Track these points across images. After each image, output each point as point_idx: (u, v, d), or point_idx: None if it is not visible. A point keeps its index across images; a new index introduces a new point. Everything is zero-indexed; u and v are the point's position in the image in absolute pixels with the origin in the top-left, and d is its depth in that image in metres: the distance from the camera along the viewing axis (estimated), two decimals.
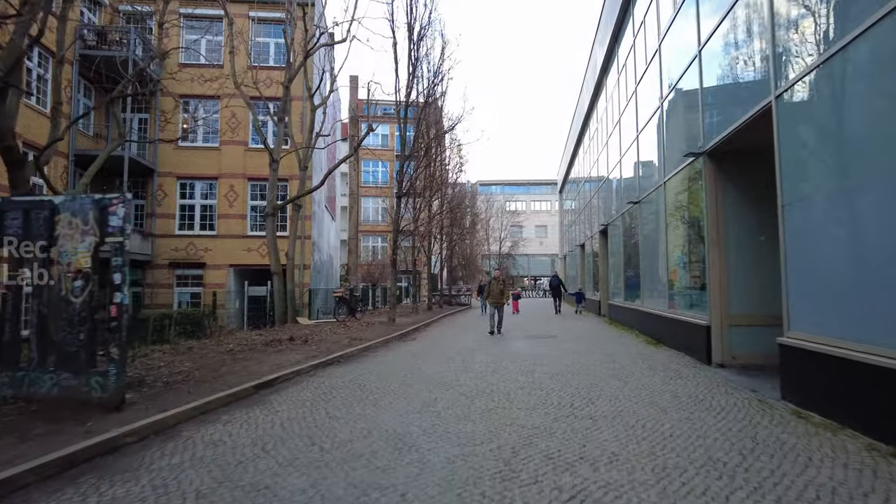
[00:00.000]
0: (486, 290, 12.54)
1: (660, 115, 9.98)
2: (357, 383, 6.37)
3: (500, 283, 12.37)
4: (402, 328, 13.82)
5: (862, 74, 4.08)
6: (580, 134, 23.30)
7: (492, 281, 12.52)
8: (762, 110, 5.56)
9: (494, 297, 12.14)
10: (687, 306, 8.46)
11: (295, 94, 19.95)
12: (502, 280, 12.57)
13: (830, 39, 4.39)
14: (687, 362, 7.56)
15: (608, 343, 10.22)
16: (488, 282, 12.83)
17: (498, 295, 12.15)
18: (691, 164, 8.04)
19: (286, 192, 19.87)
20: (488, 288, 12.45)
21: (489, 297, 12.33)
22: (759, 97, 5.70)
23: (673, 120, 9.45)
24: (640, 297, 11.72)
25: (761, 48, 5.78)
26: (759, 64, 5.88)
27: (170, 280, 19.06)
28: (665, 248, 9.57)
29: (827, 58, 4.36)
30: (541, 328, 14.05)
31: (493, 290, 12.19)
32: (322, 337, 11.23)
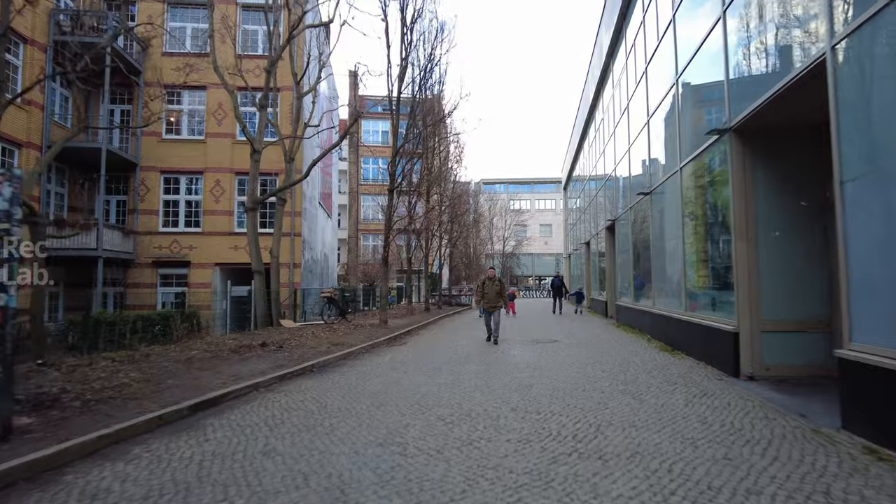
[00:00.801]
0: (480, 291, 10.79)
1: (675, 94, 8.91)
2: (319, 402, 5.35)
3: (496, 282, 10.63)
4: (393, 331, 12.83)
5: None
6: (585, 127, 22.21)
7: (485, 281, 10.75)
8: (810, 67, 4.49)
9: (489, 300, 10.51)
10: (708, 309, 7.39)
11: (286, 85, 19.06)
12: (498, 280, 10.71)
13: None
14: (710, 374, 6.50)
15: (617, 350, 9.16)
16: (482, 282, 10.96)
17: (494, 297, 10.49)
18: (714, 146, 6.98)
19: (275, 186, 18.91)
20: (482, 289, 10.70)
21: (483, 299, 10.67)
22: (805, 52, 4.64)
23: (691, 96, 8.37)
24: (652, 298, 10.65)
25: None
26: (805, 11, 4.81)
27: (153, 280, 18.14)
28: (681, 242, 8.50)
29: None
30: (542, 331, 13.00)
31: (488, 292, 10.54)
32: (301, 342, 10.23)
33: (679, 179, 8.59)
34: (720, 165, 6.80)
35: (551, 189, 63.28)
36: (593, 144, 20.77)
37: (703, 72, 7.73)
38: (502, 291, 10.61)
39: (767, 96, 5.28)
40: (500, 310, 10.63)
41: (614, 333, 12.05)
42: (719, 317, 6.83)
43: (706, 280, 7.53)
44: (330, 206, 27.03)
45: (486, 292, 10.59)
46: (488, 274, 11.01)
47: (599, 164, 18.74)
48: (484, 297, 10.64)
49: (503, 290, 10.66)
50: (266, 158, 17.57)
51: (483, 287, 10.74)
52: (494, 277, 10.74)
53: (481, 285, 10.82)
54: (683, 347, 8.27)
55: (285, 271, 18.46)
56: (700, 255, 7.77)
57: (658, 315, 9.97)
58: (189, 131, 18.89)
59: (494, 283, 10.63)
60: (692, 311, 8.07)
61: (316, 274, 22.12)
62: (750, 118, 5.89)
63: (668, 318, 9.17)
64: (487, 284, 10.67)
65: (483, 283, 10.81)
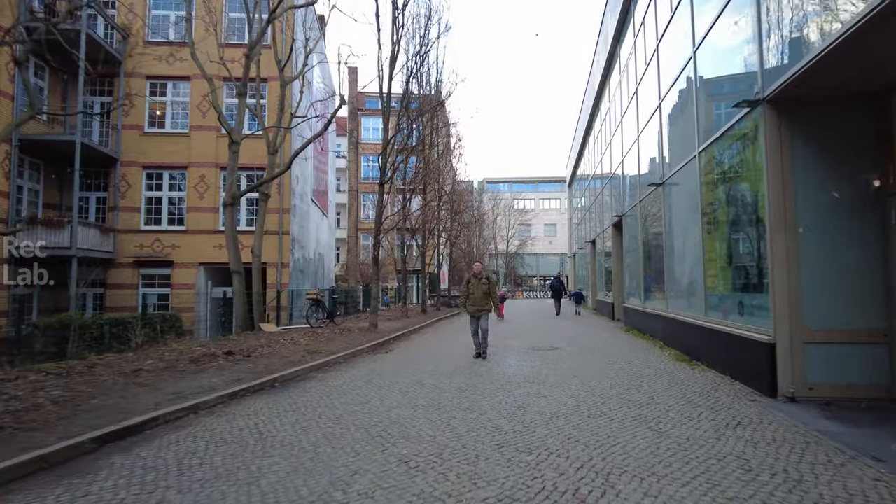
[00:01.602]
0: (465, 292, 8.72)
1: (691, 70, 7.85)
2: (261, 432, 4.34)
3: (483, 280, 8.59)
4: (381, 336, 11.84)
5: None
6: (590, 119, 21.14)
7: (470, 279, 8.65)
8: (880, 7, 3.45)
9: (475, 303, 8.51)
10: (734, 314, 6.33)
11: (274, 75, 18.11)
12: (486, 277, 8.63)
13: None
14: (739, 392, 5.44)
15: (627, 359, 8.11)
16: (466, 280, 8.81)
17: (481, 299, 8.51)
18: (741, 123, 5.92)
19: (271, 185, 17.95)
20: (466, 289, 8.64)
21: (468, 301, 8.62)
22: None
23: (711, 69, 7.31)
24: (665, 300, 9.59)
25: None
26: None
27: (134, 280, 17.23)
28: (699, 237, 7.45)
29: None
30: (542, 336, 11.95)
31: (474, 293, 8.52)
32: (274, 349, 9.25)
33: (696, 166, 7.54)
34: (749, 145, 5.75)
35: (556, 188, 62.22)
36: (599, 137, 19.70)
37: (726, 39, 6.67)
38: (491, 291, 8.63)
39: (820, 51, 4.23)
40: (489, 314, 8.72)
41: (622, 339, 10.98)
42: (749, 323, 5.77)
43: (731, 280, 6.47)
44: (326, 204, 26.04)
45: (471, 293, 8.58)
46: (474, 269, 8.88)
47: (605, 157, 17.67)
48: (469, 299, 8.64)
49: (492, 289, 8.66)
50: (252, 152, 16.73)
51: (468, 286, 8.66)
52: (481, 274, 8.67)
53: (466, 284, 8.73)
54: (703, 357, 7.21)
55: (272, 271, 17.54)
56: (723, 251, 6.71)
57: (672, 319, 8.91)
58: (172, 124, 17.96)
59: (482, 280, 8.58)
60: (714, 317, 7.01)
61: (308, 274, 21.15)
62: (789, 85, 4.84)
63: (685, 323, 8.11)
64: (473, 283, 8.60)
65: (468, 282, 8.69)
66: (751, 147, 5.70)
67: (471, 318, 8.66)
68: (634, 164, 12.58)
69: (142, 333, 9.43)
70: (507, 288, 52.76)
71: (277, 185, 17.77)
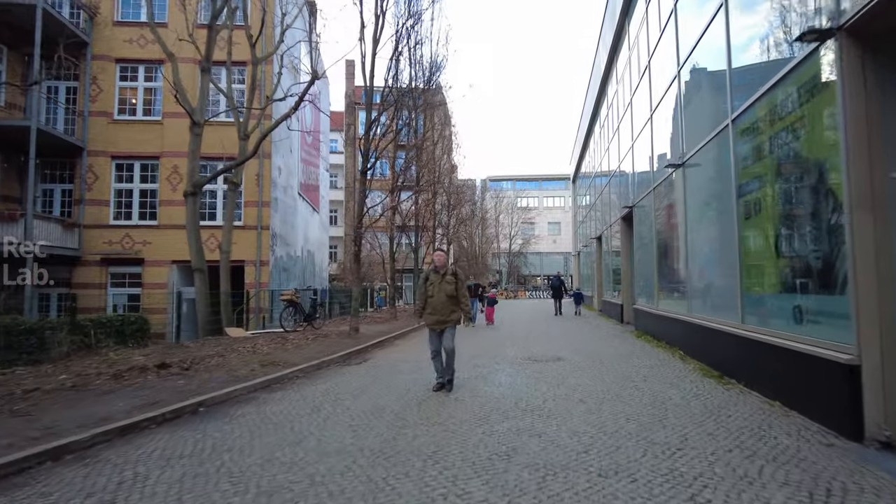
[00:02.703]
0: (422, 293, 6.00)
1: (721, 21, 6.40)
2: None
3: (448, 279, 5.88)
4: (360, 342, 10.47)
5: None
6: (595, 106, 19.66)
7: (429, 276, 6.00)
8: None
9: (436, 311, 5.84)
10: (787, 321, 4.88)
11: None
12: (452, 273, 5.94)
13: None
14: (803, 430, 4.01)
15: (642, 374, 6.67)
16: (424, 276, 6.10)
17: (443, 306, 5.81)
18: (798, 70, 4.48)
19: (241, 173, 16.61)
20: (423, 289, 5.98)
21: (426, 309, 5.97)
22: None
23: (750, 13, 5.86)
24: (686, 302, 8.14)
25: None
26: None
27: (102, 279, 15.93)
28: (734, 225, 6.00)
29: None
30: (543, 342, 10.52)
31: (434, 297, 5.85)
32: (226, 360, 7.90)
33: (729, 138, 6.09)
34: (815, 96, 4.30)
35: (560, 186, 60.74)
36: (605, 125, 18.25)
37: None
38: (460, 293, 5.90)
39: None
40: (455, 327, 5.93)
41: (634, 346, 9.53)
42: (815, 335, 4.33)
43: (781, 277, 5.02)
44: (316, 199, 24.68)
45: (430, 295, 5.86)
46: (435, 260, 6.09)
47: (612, 145, 16.21)
48: (427, 305, 5.91)
49: (461, 290, 5.92)
50: (230, 140, 15.43)
51: (426, 285, 5.93)
52: (445, 266, 5.96)
53: (423, 282, 5.98)
54: (740, 375, 5.77)
55: (251, 270, 16.20)
56: (769, 240, 5.27)
57: (696, 326, 7.45)
58: (144, 111, 16.65)
59: (445, 278, 5.85)
60: (754, 324, 5.56)
61: (294, 273, 19.80)
62: (877, 5, 3.42)
63: (713, 330, 6.66)
64: (433, 281, 5.88)
65: (426, 279, 5.97)
66: (818, 98, 4.25)
67: (430, 332, 5.98)
68: (646, 148, 11.12)
69: (68, 341, 8.06)
70: (509, 287, 51.29)
71: (256, 176, 16.49)
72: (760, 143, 5.36)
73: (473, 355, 8.63)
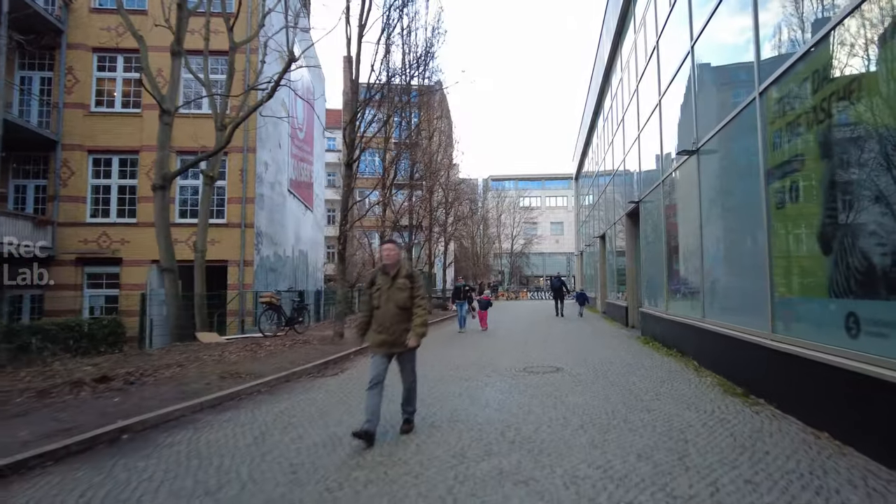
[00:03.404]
0: (366, 303, 4.45)
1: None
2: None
3: (401, 282, 4.24)
4: (342, 349, 9.63)
5: None
6: (599, 98, 18.74)
7: (375, 278, 4.32)
8: None
9: (383, 327, 4.17)
10: (835, 332, 3.95)
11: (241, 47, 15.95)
12: (407, 274, 4.29)
13: None
14: (870, 476, 3.09)
15: (654, 390, 5.76)
16: (370, 279, 4.36)
17: (394, 320, 4.17)
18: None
19: (224, 168, 15.79)
20: (368, 295, 4.35)
21: (373, 326, 4.27)
22: None
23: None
24: (701, 306, 7.21)
25: None
26: None
27: (78, 280, 15.11)
28: (762, 215, 5.08)
29: None
30: (540, 348, 9.60)
31: (381, 309, 4.20)
32: (184, 371, 7.05)
33: (756, 114, 5.18)
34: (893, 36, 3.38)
35: (563, 185, 59.81)
36: (609, 117, 17.32)
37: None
38: (415, 303, 4.26)
39: None
40: (413, 351, 4.35)
41: (642, 355, 8.60)
42: (876, 352, 3.40)
43: (829, 278, 4.10)
44: (310, 197, 23.82)
45: (376, 305, 4.24)
46: (384, 256, 4.30)
47: (617, 139, 15.29)
48: (373, 318, 4.28)
49: (416, 294, 4.27)
50: (210, 134, 14.62)
51: (371, 290, 4.32)
52: (397, 265, 4.29)
53: (368, 286, 4.37)
54: (772, 395, 4.85)
55: (234, 270, 15.35)
56: (810, 233, 4.35)
57: (713, 333, 6.53)
58: (123, 103, 15.82)
59: (396, 281, 4.23)
60: (788, 334, 4.64)
61: (284, 274, 18.95)
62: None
63: (736, 340, 5.74)
64: (381, 285, 4.26)
65: (371, 283, 4.35)
66: None
67: (372, 359, 4.22)
68: (654, 138, 10.21)
69: (3, 349, 7.21)
70: (510, 287, 50.28)
71: (240, 171, 15.64)
72: (801, 113, 4.44)
73: (461, 366, 7.73)
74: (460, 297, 13.89)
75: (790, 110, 4.61)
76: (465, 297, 13.96)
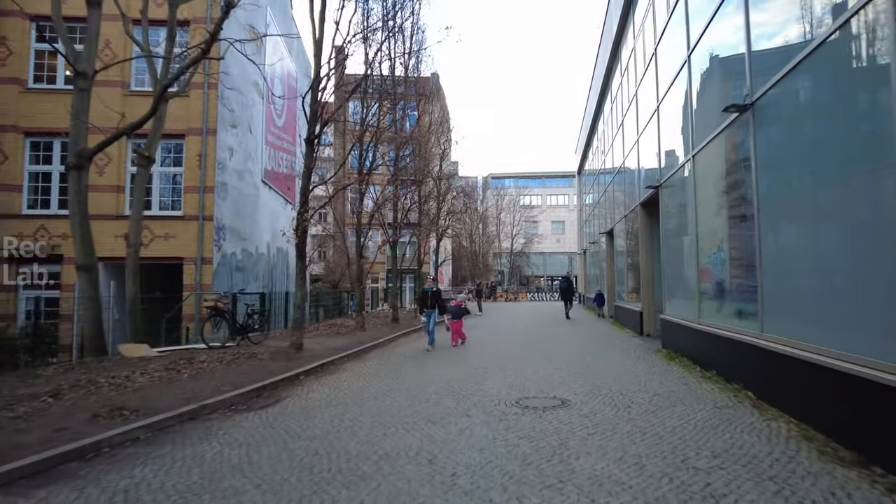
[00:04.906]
0: None
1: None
2: None
3: None
4: (294, 366, 7.77)
5: None
6: (608, 72, 16.82)
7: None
8: None
9: None
10: None
11: (198, 16, 14.10)
12: None
13: None
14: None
15: (709, 448, 3.86)
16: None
17: None
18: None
19: (181, 153, 13.90)
20: None
21: None
22: None
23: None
24: (760, 317, 5.28)
25: None
26: None
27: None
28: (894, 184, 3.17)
29: None
30: (542, 365, 7.68)
31: None
32: (55, 403, 5.16)
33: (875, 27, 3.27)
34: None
35: (564, 184, 57.98)
36: (616, 99, 15.41)
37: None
38: None
39: None
40: None
41: (671, 378, 6.68)
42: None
43: None
44: (291, 190, 21.93)
45: None
46: None
47: (629, 118, 13.37)
48: None
49: None
50: (168, 114, 12.82)
51: None
52: None
53: None
54: None
55: (190, 269, 13.46)
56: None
57: (782, 356, 4.61)
58: (67, 79, 13.92)
59: None
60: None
61: (255, 273, 17.06)
62: None
63: (831, 372, 3.82)
64: None
65: None
66: None
67: None
68: (677, 108, 8.31)
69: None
70: (510, 288, 48.29)
71: (198, 156, 13.75)
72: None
73: (432, 395, 5.83)
74: (428, 305, 10.55)
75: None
76: (434, 304, 10.53)
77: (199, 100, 13.92)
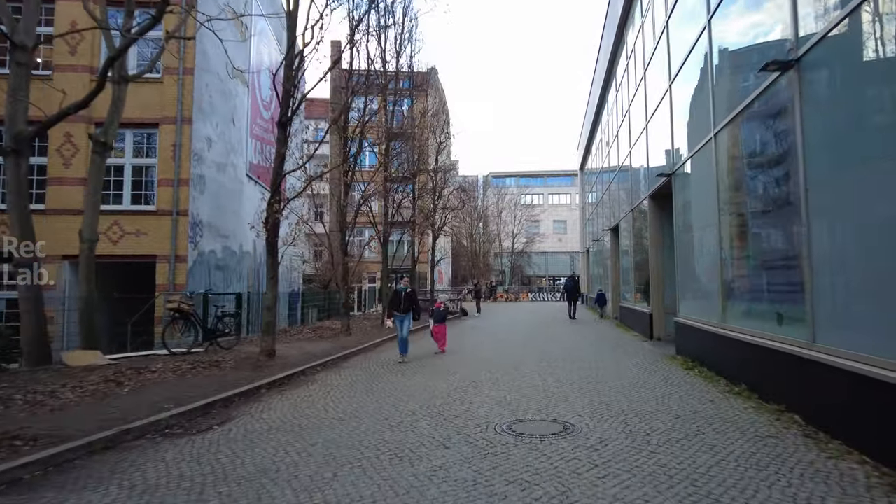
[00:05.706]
0: None
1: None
2: None
3: None
4: (260, 376, 6.84)
5: None
6: (609, 70, 15.83)
7: None
8: None
9: None
10: None
11: None
12: None
13: None
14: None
15: (749, 491, 2.87)
16: None
17: None
18: None
19: (154, 143, 12.95)
20: None
21: None
22: None
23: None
24: (811, 323, 4.27)
25: None
26: None
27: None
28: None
29: None
30: (542, 377, 6.69)
31: None
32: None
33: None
34: None
35: (566, 182, 57.05)
36: (622, 85, 14.42)
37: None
38: None
39: None
40: None
41: (693, 394, 5.67)
42: None
43: None
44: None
45: None
46: None
47: (636, 104, 12.37)
48: None
49: None
50: (142, 102, 12.01)
51: None
52: None
53: None
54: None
55: (163, 267, 12.49)
56: None
57: (845, 374, 3.61)
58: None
59: None
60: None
61: (238, 273, 16.07)
62: None
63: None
64: None
65: None
66: None
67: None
68: (688, 89, 7.32)
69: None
70: (510, 288, 47.27)
71: (173, 146, 12.78)
72: None
73: (407, 417, 4.84)
74: (401, 309, 8.75)
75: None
76: (409, 307, 8.76)
77: (174, 86, 12.97)
